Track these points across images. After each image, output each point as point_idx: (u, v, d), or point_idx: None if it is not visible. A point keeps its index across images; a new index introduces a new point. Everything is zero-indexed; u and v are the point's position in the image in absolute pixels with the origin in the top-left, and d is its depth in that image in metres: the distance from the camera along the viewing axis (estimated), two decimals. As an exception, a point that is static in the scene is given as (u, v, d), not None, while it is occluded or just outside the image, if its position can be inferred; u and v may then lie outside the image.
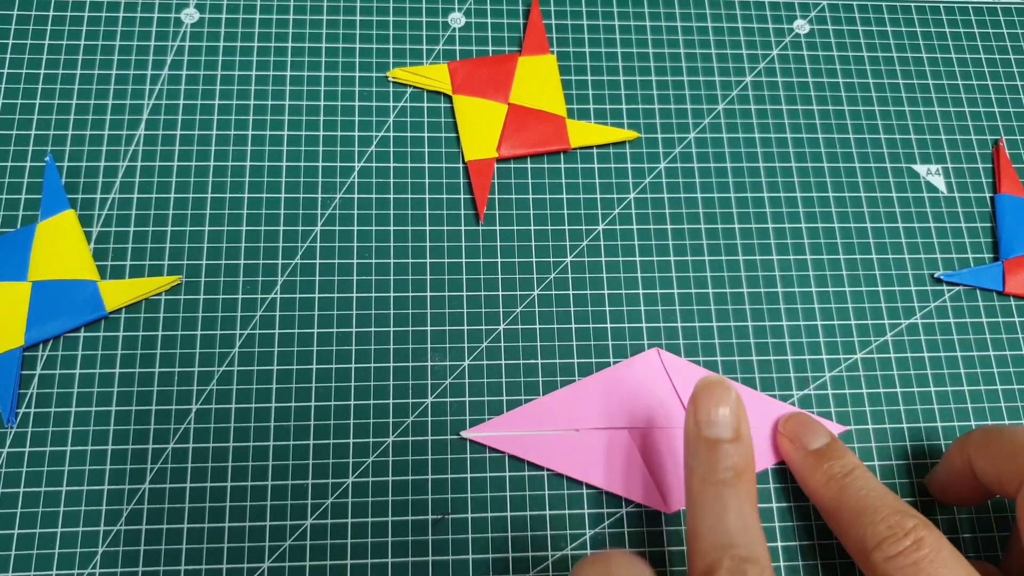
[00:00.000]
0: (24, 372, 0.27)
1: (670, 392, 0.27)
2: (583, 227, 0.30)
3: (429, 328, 0.28)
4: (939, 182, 0.31)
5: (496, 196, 0.30)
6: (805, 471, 0.25)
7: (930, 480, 0.27)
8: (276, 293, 0.28)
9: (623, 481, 0.26)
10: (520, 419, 0.27)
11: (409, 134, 0.31)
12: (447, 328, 0.28)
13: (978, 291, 0.30)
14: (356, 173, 0.30)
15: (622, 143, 0.31)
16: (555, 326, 0.28)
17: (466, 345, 0.28)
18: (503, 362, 0.28)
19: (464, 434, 0.27)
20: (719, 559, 0.20)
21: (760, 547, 0.21)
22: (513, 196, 0.30)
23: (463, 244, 0.29)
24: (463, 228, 0.29)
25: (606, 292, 0.29)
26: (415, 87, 0.31)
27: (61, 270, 0.27)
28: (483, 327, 0.28)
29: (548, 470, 0.26)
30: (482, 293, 0.28)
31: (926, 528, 0.21)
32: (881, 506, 0.22)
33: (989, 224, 0.31)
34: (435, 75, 0.31)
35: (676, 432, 0.27)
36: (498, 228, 0.29)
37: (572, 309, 0.29)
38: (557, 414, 0.27)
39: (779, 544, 0.26)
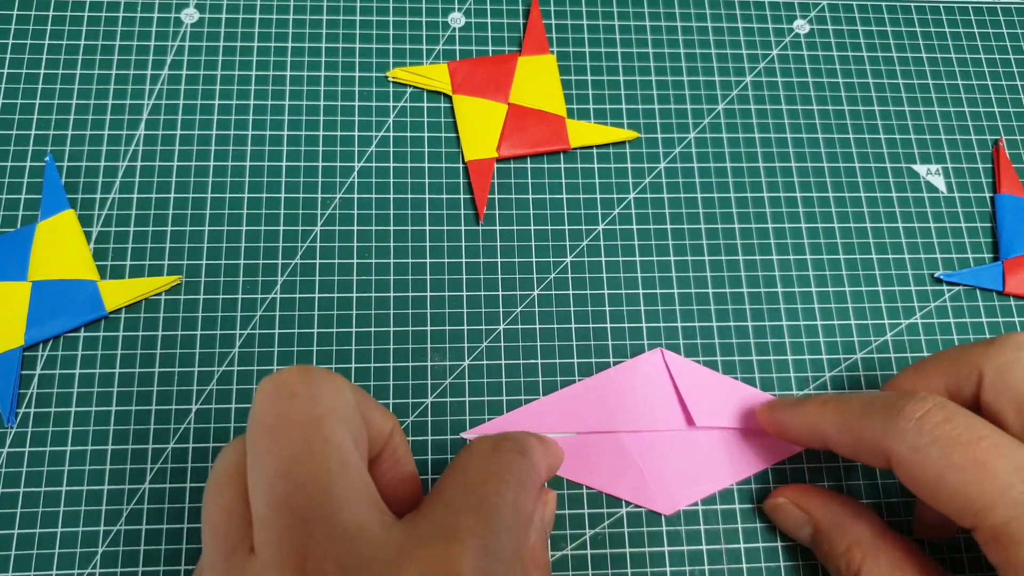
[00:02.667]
0: (24, 372, 0.27)
1: (672, 394, 0.27)
2: (583, 227, 0.30)
3: (429, 328, 0.28)
4: (939, 182, 0.31)
5: (496, 196, 0.30)
6: (804, 429, 0.24)
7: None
8: (276, 293, 0.28)
9: (623, 484, 0.26)
10: (521, 420, 0.27)
11: (409, 134, 0.31)
12: (447, 328, 0.28)
13: (978, 291, 0.30)
14: (356, 173, 0.30)
15: (622, 143, 0.31)
16: (555, 326, 0.28)
17: (466, 345, 0.28)
18: (503, 362, 0.28)
19: (464, 434, 0.27)
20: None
21: None
22: (513, 196, 0.30)
23: (463, 244, 0.29)
24: (463, 228, 0.29)
25: (606, 292, 0.29)
26: (415, 87, 0.31)
27: (61, 270, 0.27)
28: (483, 327, 0.28)
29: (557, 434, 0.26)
30: (482, 293, 0.28)
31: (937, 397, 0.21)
32: (882, 394, 0.22)
33: (989, 224, 0.31)
34: (435, 75, 0.31)
35: (677, 435, 0.27)
36: (498, 228, 0.29)
37: (572, 309, 0.29)
38: (559, 415, 0.27)
39: (779, 544, 0.26)
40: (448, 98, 0.31)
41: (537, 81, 0.31)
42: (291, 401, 0.17)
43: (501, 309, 0.28)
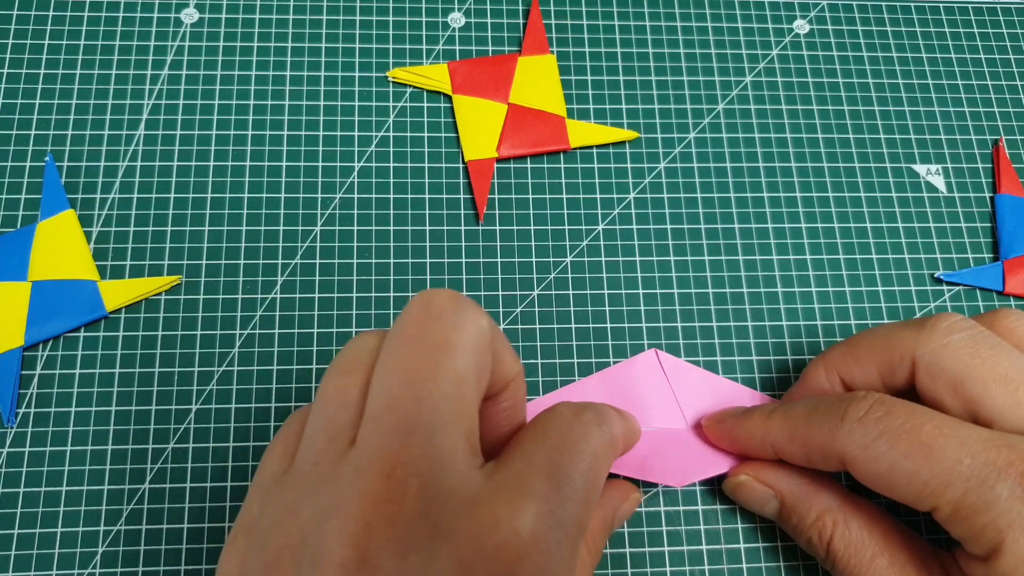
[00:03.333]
0: (24, 372, 0.27)
1: (667, 393, 0.27)
2: (583, 227, 0.30)
3: (429, 328, 0.28)
4: (939, 182, 0.31)
5: (496, 196, 0.30)
6: (753, 442, 0.24)
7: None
8: (276, 293, 0.28)
9: (626, 462, 0.26)
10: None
11: (409, 134, 0.31)
12: (447, 328, 0.28)
13: (978, 291, 0.30)
14: (356, 173, 0.30)
15: (622, 143, 0.31)
16: (555, 326, 0.28)
17: (466, 345, 0.28)
18: (503, 362, 0.28)
19: None
20: None
21: None
22: (513, 196, 0.30)
23: (463, 244, 0.29)
24: (463, 228, 0.29)
25: (606, 292, 0.29)
26: (415, 87, 0.31)
27: (61, 270, 0.27)
28: (483, 327, 0.28)
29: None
30: (482, 293, 0.28)
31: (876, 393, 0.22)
32: (822, 399, 0.23)
33: (989, 224, 0.31)
34: (435, 75, 0.31)
35: (673, 433, 0.27)
36: (498, 228, 0.29)
37: (572, 309, 0.29)
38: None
39: (779, 544, 0.26)
40: (448, 98, 0.31)
41: (537, 81, 0.31)
42: (436, 321, 0.17)
43: (501, 309, 0.28)
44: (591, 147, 0.31)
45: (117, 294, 0.27)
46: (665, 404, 0.27)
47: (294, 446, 0.18)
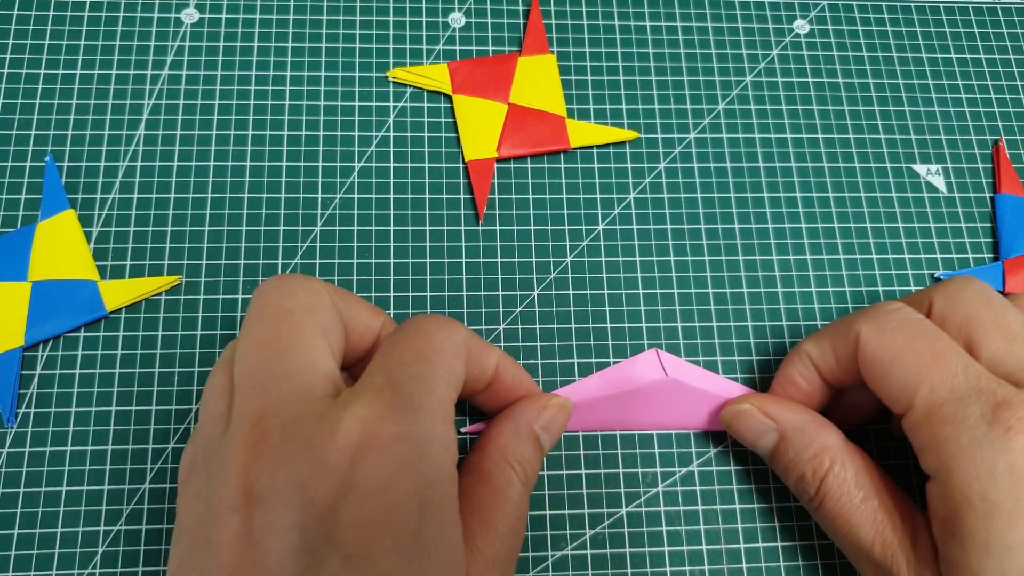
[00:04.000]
0: (24, 372, 0.27)
1: (669, 392, 0.27)
2: (583, 227, 0.30)
3: (429, 328, 0.28)
4: (939, 182, 0.31)
5: (496, 196, 0.30)
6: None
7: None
8: (276, 293, 0.28)
9: (636, 412, 0.26)
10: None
11: (409, 134, 0.31)
12: (447, 328, 0.28)
13: (978, 291, 0.30)
14: (356, 173, 0.30)
15: (622, 143, 0.31)
16: (555, 326, 0.28)
17: (466, 345, 0.28)
18: (503, 362, 0.28)
19: (464, 430, 0.27)
20: None
21: None
22: (513, 196, 0.30)
23: (463, 244, 0.29)
24: (463, 228, 0.29)
25: (606, 292, 0.29)
26: (415, 87, 0.31)
27: (61, 270, 0.27)
28: (483, 327, 0.28)
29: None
30: (482, 293, 0.28)
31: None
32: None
33: (989, 224, 0.31)
34: (435, 75, 0.31)
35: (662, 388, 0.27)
36: (498, 228, 0.29)
37: (572, 309, 0.29)
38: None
39: (779, 544, 0.26)
40: (448, 98, 0.31)
41: (537, 81, 0.31)
42: (268, 297, 0.20)
43: (501, 309, 0.28)
44: (591, 147, 0.31)
45: (117, 294, 0.27)
46: (663, 405, 0.27)
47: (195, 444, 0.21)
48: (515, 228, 0.30)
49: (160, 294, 0.28)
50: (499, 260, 0.29)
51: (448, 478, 0.19)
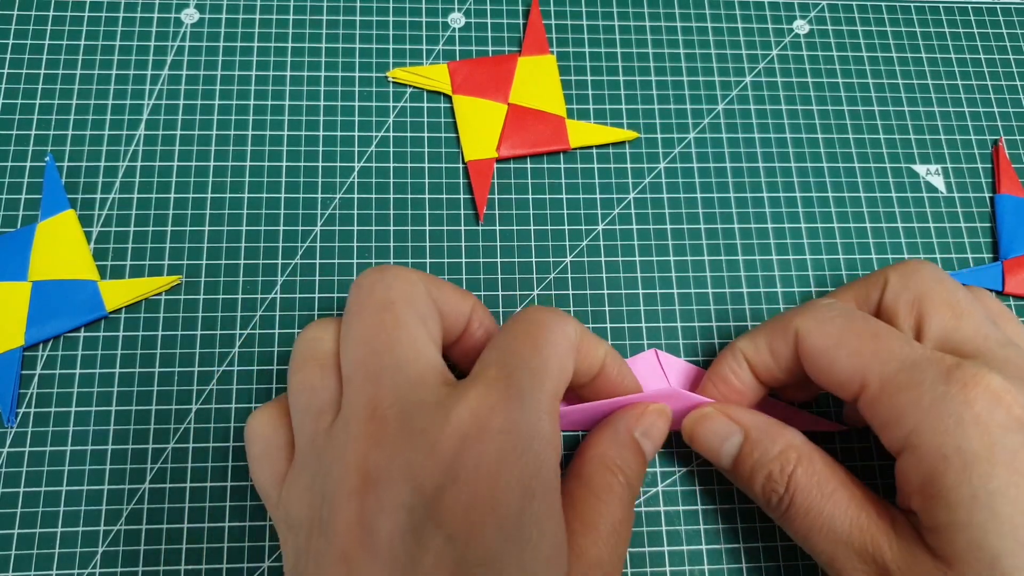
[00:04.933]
0: (24, 372, 0.27)
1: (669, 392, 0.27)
2: (583, 227, 0.30)
3: (429, 328, 0.28)
4: (939, 182, 0.31)
5: (496, 196, 0.30)
6: (742, 484, 0.25)
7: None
8: (276, 293, 0.28)
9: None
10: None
11: (409, 134, 0.31)
12: (447, 328, 0.28)
13: (978, 291, 0.30)
14: (356, 173, 0.30)
15: (622, 143, 0.31)
16: (555, 326, 0.28)
17: (466, 345, 0.28)
18: (503, 362, 0.28)
19: None
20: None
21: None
22: (513, 196, 0.30)
23: (463, 244, 0.29)
24: (463, 228, 0.29)
25: (606, 292, 0.29)
26: (415, 87, 0.31)
27: (61, 270, 0.27)
28: (483, 327, 0.28)
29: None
30: (482, 293, 0.28)
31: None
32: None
33: (989, 224, 0.31)
34: (435, 75, 0.31)
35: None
36: (498, 228, 0.29)
37: (572, 309, 0.29)
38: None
39: (779, 544, 0.26)
40: (448, 98, 0.31)
41: (537, 81, 0.31)
42: (369, 289, 0.21)
43: (501, 309, 0.28)
44: (591, 147, 0.31)
45: (117, 294, 0.27)
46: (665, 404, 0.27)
47: (284, 450, 0.22)
48: (515, 228, 0.30)
49: (160, 294, 0.28)
50: (499, 260, 0.29)
51: (551, 471, 0.20)
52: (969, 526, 0.20)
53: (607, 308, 0.29)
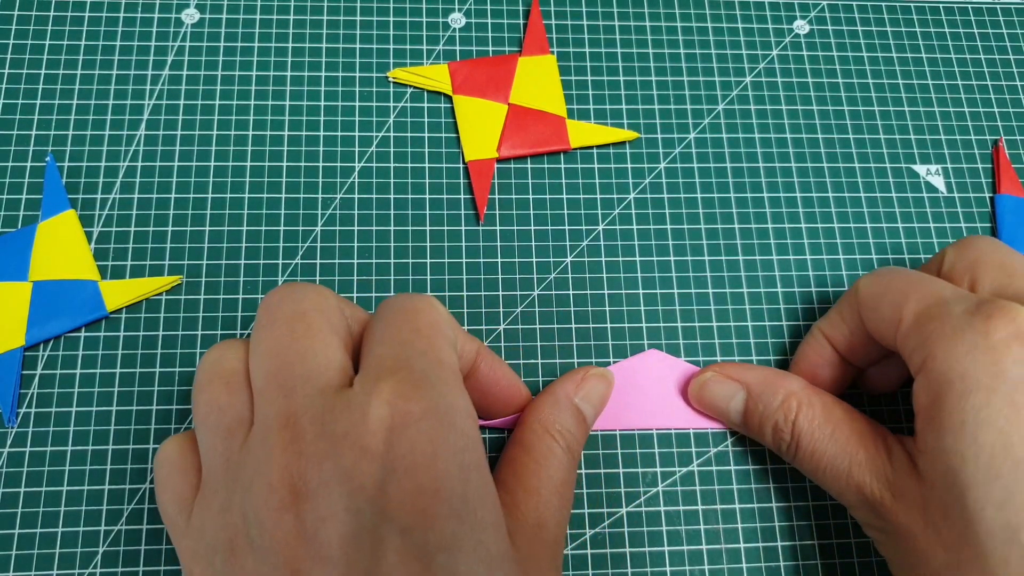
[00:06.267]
0: (25, 372, 0.27)
1: (669, 392, 0.27)
2: (583, 227, 0.30)
3: (429, 328, 0.28)
4: (939, 182, 0.31)
5: (496, 196, 0.30)
6: (753, 435, 0.26)
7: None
8: (276, 293, 0.28)
9: (635, 411, 0.27)
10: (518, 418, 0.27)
11: (409, 134, 0.31)
12: (447, 328, 0.28)
13: (978, 291, 0.30)
14: (356, 173, 0.30)
15: (622, 143, 0.31)
16: (555, 326, 0.28)
17: (466, 345, 0.28)
18: (503, 362, 0.28)
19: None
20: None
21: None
22: (513, 196, 0.30)
23: (463, 244, 0.29)
24: (463, 228, 0.29)
25: (606, 292, 0.29)
26: (415, 87, 0.31)
27: (62, 270, 0.27)
28: (483, 327, 0.28)
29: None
30: (482, 293, 0.29)
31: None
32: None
33: (989, 224, 0.31)
34: (435, 75, 0.31)
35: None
36: (498, 228, 0.29)
37: (572, 309, 0.29)
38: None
39: (779, 544, 0.26)
40: (448, 98, 0.31)
41: (537, 81, 0.31)
42: (279, 303, 0.21)
43: (501, 309, 0.28)
44: (591, 147, 0.31)
45: (118, 294, 0.27)
46: (665, 404, 0.27)
47: (190, 474, 0.21)
48: (515, 228, 0.30)
49: (160, 294, 0.28)
50: (499, 260, 0.29)
51: (476, 442, 0.20)
52: (950, 452, 0.20)
53: (607, 308, 0.29)
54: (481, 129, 0.30)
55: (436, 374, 0.20)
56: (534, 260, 0.29)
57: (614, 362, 0.28)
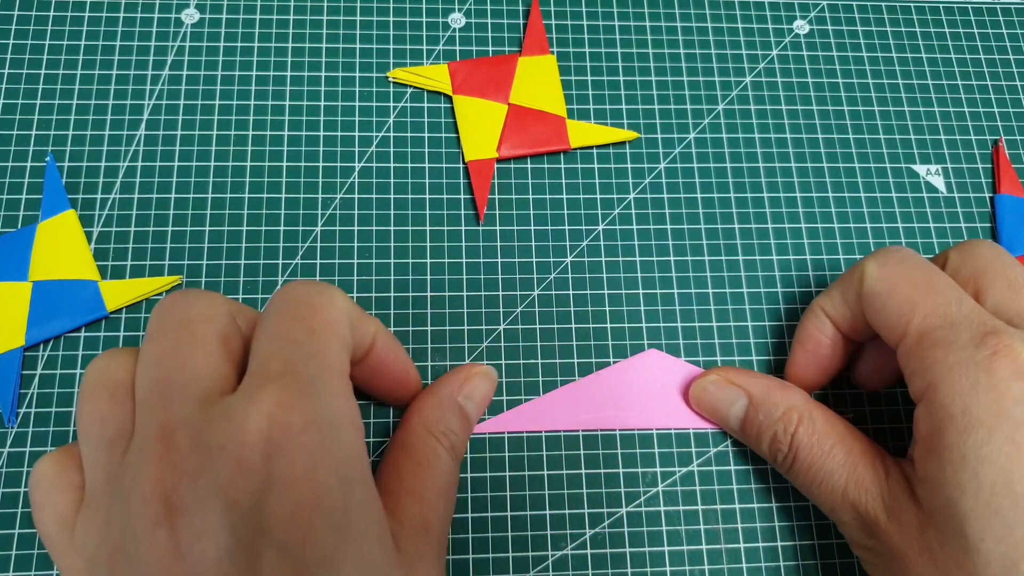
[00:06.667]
0: (25, 372, 0.27)
1: (668, 392, 0.27)
2: (583, 227, 0.30)
3: (429, 328, 0.28)
4: (939, 182, 0.31)
5: (496, 196, 0.30)
6: (750, 443, 0.26)
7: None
8: (276, 293, 0.28)
9: (635, 411, 0.27)
10: (518, 418, 0.27)
11: (409, 134, 0.31)
12: (447, 328, 0.28)
13: (978, 291, 0.30)
14: (356, 173, 0.30)
15: (622, 143, 0.31)
16: (555, 326, 0.28)
17: (466, 345, 0.28)
18: (503, 362, 0.28)
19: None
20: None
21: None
22: (513, 196, 0.30)
23: (463, 244, 0.29)
24: (463, 228, 0.29)
25: (606, 292, 0.29)
26: (415, 87, 0.31)
27: (62, 270, 0.27)
28: (483, 327, 0.28)
29: (557, 431, 0.26)
30: (482, 293, 0.29)
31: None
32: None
33: (989, 224, 0.31)
34: (435, 75, 0.31)
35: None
36: (498, 228, 0.29)
37: (572, 309, 0.29)
38: (554, 413, 0.27)
39: (779, 544, 0.26)
40: (448, 98, 0.31)
41: (537, 81, 0.31)
42: (169, 311, 0.20)
43: (501, 309, 0.28)
44: (591, 147, 0.31)
45: (118, 294, 0.27)
46: (664, 404, 0.27)
47: (69, 491, 0.20)
48: (515, 228, 0.30)
49: (160, 294, 0.28)
50: (499, 260, 0.29)
51: (360, 453, 0.19)
52: (950, 484, 0.20)
53: (607, 308, 0.29)
54: (481, 129, 0.30)
55: (323, 380, 0.19)
56: (534, 260, 0.29)
57: (614, 362, 0.28)
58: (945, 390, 0.21)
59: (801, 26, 0.34)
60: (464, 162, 0.30)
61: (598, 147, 0.31)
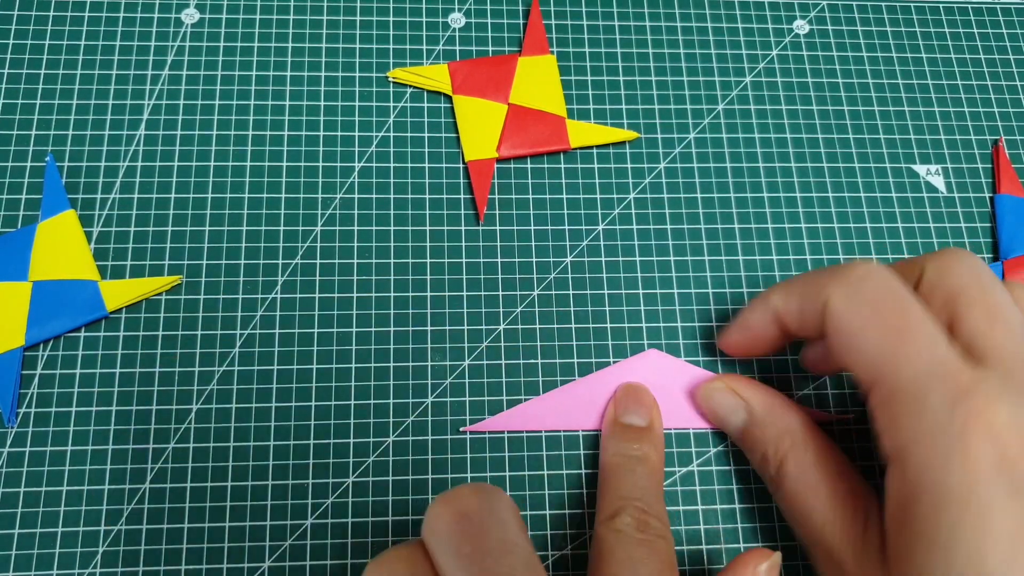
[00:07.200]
0: (24, 372, 0.27)
1: (668, 392, 0.27)
2: (583, 227, 0.30)
3: (429, 328, 0.28)
4: (939, 182, 0.31)
5: (496, 196, 0.30)
6: (745, 452, 0.26)
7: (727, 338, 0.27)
8: (276, 293, 0.28)
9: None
10: (517, 418, 0.27)
11: (409, 134, 0.31)
12: (447, 328, 0.28)
13: (978, 291, 0.30)
14: (356, 173, 0.30)
15: (622, 143, 0.31)
16: (555, 326, 0.28)
17: (466, 345, 0.28)
18: (503, 362, 0.28)
19: (464, 429, 0.27)
20: (623, 507, 0.23)
21: (662, 512, 0.24)
22: (513, 196, 0.30)
23: (463, 244, 0.29)
24: (463, 228, 0.29)
25: (606, 292, 0.29)
26: (415, 87, 0.31)
27: (62, 270, 0.27)
28: (483, 327, 0.28)
29: (557, 431, 0.26)
30: (482, 293, 0.29)
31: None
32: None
33: (989, 224, 0.31)
34: (435, 75, 0.31)
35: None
36: (498, 228, 0.29)
37: (572, 309, 0.29)
38: (554, 413, 0.27)
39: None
40: (448, 98, 0.31)
41: (537, 81, 0.31)
42: (480, 524, 0.18)
43: (501, 309, 0.28)
44: (591, 147, 0.31)
45: (118, 294, 0.27)
46: (664, 404, 0.27)
47: None
48: (515, 228, 0.30)
49: (160, 294, 0.28)
50: (499, 260, 0.29)
51: None
52: (920, 561, 0.20)
53: (607, 308, 0.29)
54: (481, 129, 0.30)
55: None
56: (534, 260, 0.29)
57: (614, 362, 0.28)
58: (917, 459, 0.20)
59: (801, 26, 0.34)
60: (464, 162, 0.30)
61: (598, 147, 0.31)
